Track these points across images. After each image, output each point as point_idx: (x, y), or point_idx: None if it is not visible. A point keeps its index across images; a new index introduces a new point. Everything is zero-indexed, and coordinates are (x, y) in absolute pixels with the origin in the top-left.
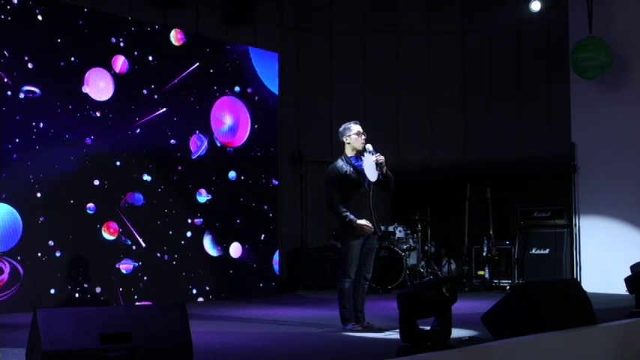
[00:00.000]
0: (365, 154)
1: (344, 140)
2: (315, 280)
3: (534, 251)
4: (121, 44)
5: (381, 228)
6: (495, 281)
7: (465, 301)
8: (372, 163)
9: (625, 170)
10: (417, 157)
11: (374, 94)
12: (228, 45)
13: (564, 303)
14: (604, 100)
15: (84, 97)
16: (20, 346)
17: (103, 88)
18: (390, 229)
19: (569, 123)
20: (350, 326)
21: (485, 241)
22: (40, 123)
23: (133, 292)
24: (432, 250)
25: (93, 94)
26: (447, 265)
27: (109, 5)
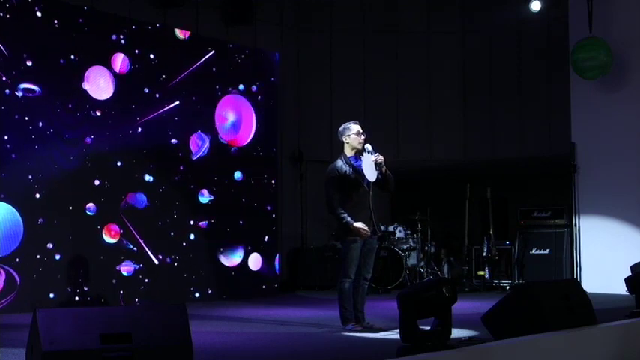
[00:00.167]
0: (364, 154)
1: (343, 140)
2: (315, 280)
3: (534, 251)
4: (122, 41)
5: (381, 228)
6: (495, 281)
7: (465, 301)
8: (371, 163)
9: (625, 170)
10: (417, 157)
11: (374, 94)
12: (229, 44)
13: (564, 303)
14: (604, 100)
15: (84, 96)
16: (20, 346)
17: (103, 86)
18: (390, 229)
19: (569, 123)
20: (350, 326)
21: (485, 241)
22: (40, 122)
23: (133, 295)
24: (432, 250)
25: (93, 92)
26: (447, 265)
27: (109, 5)
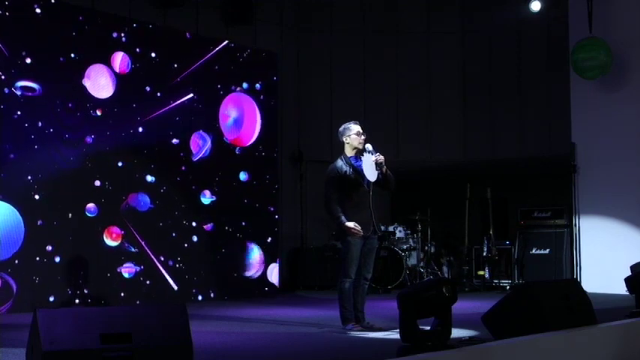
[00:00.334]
0: (364, 154)
1: (344, 140)
2: (315, 280)
3: (534, 251)
4: (123, 39)
5: (381, 228)
6: (495, 281)
7: (465, 301)
8: (371, 163)
9: (625, 170)
10: (417, 157)
11: (374, 94)
12: (231, 43)
13: (564, 303)
14: (604, 100)
15: (84, 95)
16: (20, 346)
17: (103, 84)
18: (390, 229)
19: (569, 123)
20: (350, 326)
21: (486, 241)
22: (39, 122)
23: (134, 297)
24: (432, 250)
25: (93, 90)
26: (447, 265)
27: (109, 5)
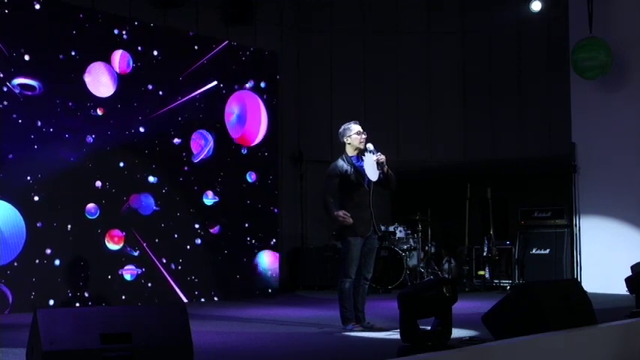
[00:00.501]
0: (366, 153)
1: (344, 141)
2: (315, 280)
3: (535, 251)
4: (124, 36)
5: (382, 228)
6: (496, 281)
7: (466, 301)
8: (373, 162)
9: (625, 170)
10: (417, 157)
11: (374, 94)
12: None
13: (564, 303)
14: (604, 100)
15: (85, 94)
16: (20, 346)
17: (105, 83)
18: (391, 229)
19: (569, 123)
20: (350, 326)
21: (486, 241)
22: (39, 121)
23: (136, 300)
24: (433, 250)
25: (94, 87)
26: (447, 265)
27: (109, 5)
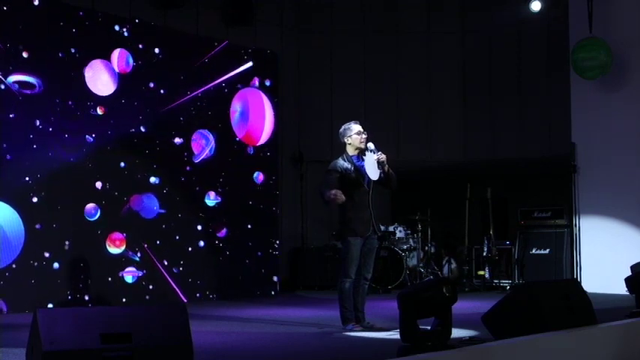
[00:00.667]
0: (367, 152)
1: (345, 141)
2: (315, 280)
3: (534, 251)
4: (125, 34)
5: (381, 228)
6: (495, 281)
7: (465, 301)
8: (373, 161)
9: (625, 170)
10: (417, 157)
11: (374, 94)
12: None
13: (564, 303)
14: (604, 100)
15: (85, 93)
16: (20, 346)
17: (105, 81)
18: (390, 229)
19: (569, 123)
20: (350, 326)
21: (486, 241)
22: (37, 120)
23: (136, 302)
24: (432, 250)
25: (94, 86)
26: (447, 265)
27: (109, 5)
